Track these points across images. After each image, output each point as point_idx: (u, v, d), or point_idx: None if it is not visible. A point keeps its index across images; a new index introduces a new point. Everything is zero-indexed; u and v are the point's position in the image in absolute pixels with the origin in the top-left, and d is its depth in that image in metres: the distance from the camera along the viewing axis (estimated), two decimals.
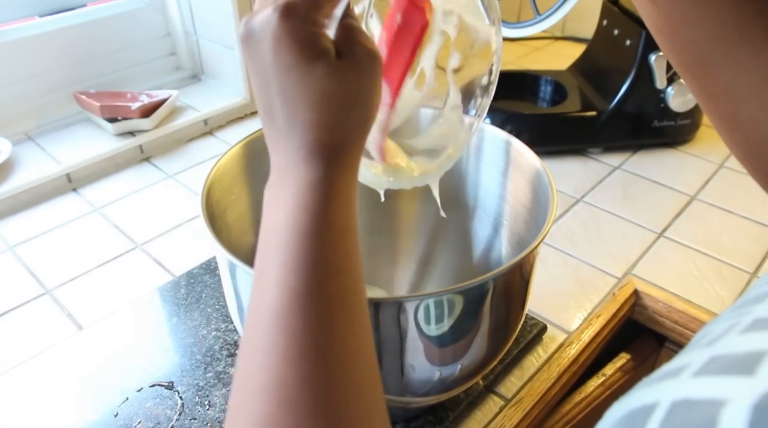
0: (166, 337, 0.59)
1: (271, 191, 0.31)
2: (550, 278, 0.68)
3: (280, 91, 0.29)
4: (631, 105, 0.88)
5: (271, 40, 0.29)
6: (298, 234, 0.28)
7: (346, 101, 0.30)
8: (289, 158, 0.30)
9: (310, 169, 0.29)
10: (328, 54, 0.29)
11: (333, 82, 0.29)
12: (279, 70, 0.29)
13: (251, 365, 0.27)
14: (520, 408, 0.53)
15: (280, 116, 0.30)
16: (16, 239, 0.72)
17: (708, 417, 0.17)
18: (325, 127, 0.29)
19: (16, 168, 0.81)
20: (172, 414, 0.51)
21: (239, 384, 0.27)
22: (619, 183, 0.85)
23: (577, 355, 0.59)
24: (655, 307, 0.66)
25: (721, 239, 0.73)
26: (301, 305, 0.27)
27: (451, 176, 0.58)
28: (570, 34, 1.33)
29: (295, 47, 0.28)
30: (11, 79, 0.87)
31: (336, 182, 0.29)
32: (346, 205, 0.30)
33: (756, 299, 0.23)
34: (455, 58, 0.39)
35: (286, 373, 0.25)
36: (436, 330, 0.40)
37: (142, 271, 0.68)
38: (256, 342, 0.27)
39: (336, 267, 0.28)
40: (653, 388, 0.21)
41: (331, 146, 0.30)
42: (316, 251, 0.28)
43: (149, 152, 0.89)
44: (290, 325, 0.26)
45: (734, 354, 0.19)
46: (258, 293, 0.29)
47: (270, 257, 0.29)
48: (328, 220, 0.29)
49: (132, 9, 0.96)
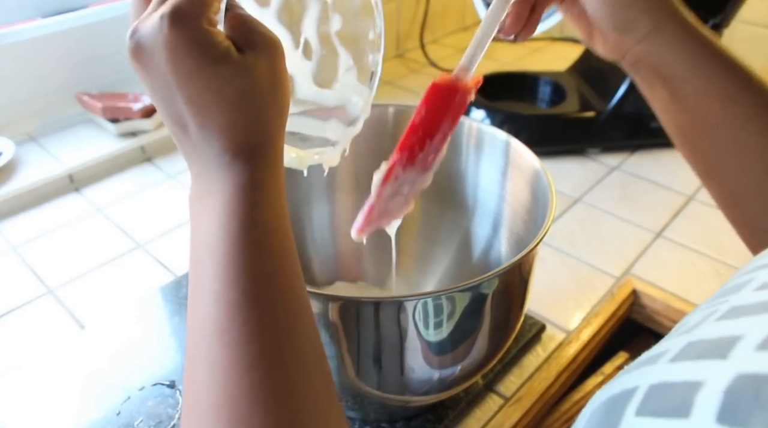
0: (167, 336, 0.59)
1: (195, 203, 0.29)
2: (549, 277, 0.68)
3: (188, 101, 0.27)
4: (630, 106, 0.88)
5: (166, 49, 0.27)
6: (230, 242, 0.27)
7: (259, 96, 0.28)
8: (211, 166, 0.28)
9: (234, 174, 0.28)
10: (229, 51, 0.27)
11: (243, 79, 0.27)
12: (181, 79, 0.27)
13: (197, 384, 0.26)
14: (519, 407, 0.54)
15: (192, 125, 0.28)
16: (19, 239, 0.73)
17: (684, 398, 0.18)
18: (245, 127, 0.28)
19: (19, 169, 0.81)
20: (174, 413, 0.52)
21: (188, 404, 0.26)
22: (618, 183, 0.85)
23: (576, 354, 0.59)
24: (654, 306, 0.66)
25: (719, 238, 0.74)
26: (240, 316, 0.26)
27: (451, 176, 0.58)
28: (569, 36, 1.33)
29: (194, 52, 0.27)
30: (14, 80, 0.87)
31: (262, 182, 0.28)
32: (276, 204, 0.29)
33: (733, 289, 0.24)
34: (337, 21, 0.38)
35: (233, 387, 0.25)
36: (435, 330, 0.40)
37: (144, 271, 0.69)
38: (200, 359, 0.26)
39: (272, 272, 0.27)
40: (632, 374, 0.22)
41: (254, 144, 0.28)
42: (250, 258, 0.27)
43: (151, 153, 0.89)
44: (232, 338, 0.25)
45: (709, 340, 0.20)
46: (195, 309, 0.27)
47: (203, 270, 0.27)
48: (258, 223, 0.27)
49: None
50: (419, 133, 0.38)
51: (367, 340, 0.40)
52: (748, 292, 0.22)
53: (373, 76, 0.43)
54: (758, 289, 0.22)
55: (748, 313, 0.21)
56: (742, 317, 0.20)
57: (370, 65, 0.42)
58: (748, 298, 0.22)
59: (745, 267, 0.26)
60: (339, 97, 0.43)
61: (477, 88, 0.39)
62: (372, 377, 0.42)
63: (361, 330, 0.39)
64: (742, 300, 0.22)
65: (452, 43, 1.31)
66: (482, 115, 0.91)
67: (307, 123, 0.44)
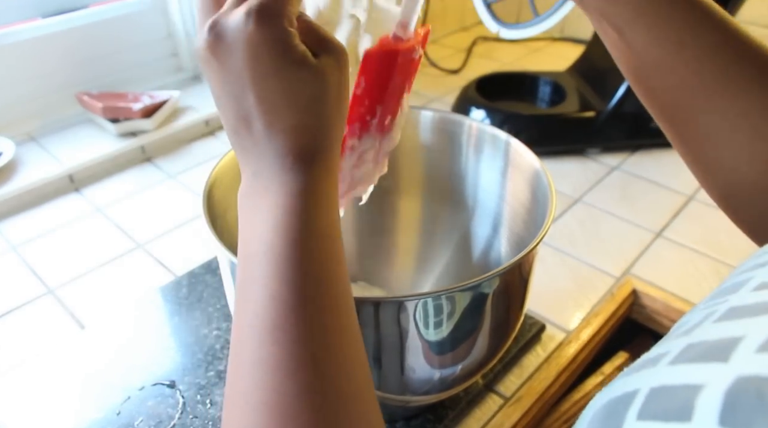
0: (167, 336, 0.59)
1: (250, 201, 0.29)
2: (549, 277, 0.68)
3: (260, 99, 0.28)
4: (630, 106, 0.88)
5: (248, 45, 0.27)
6: (287, 244, 0.27)
7: (329, 102, 0.29)
8: (271, 166, 0.29)
9: (295, 175, 0.28)
10: (306, 55, 0.28)
11: (318, 84, 0.28)
12: (257, 76, 0.27)
13: (244, 380, 0.26)
14: (519, 407, 0.54)
15: (259, 124, 0.28)
16: (19, 239, 0.73)
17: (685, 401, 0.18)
18: (311, 130, 0.28)
19: (19, 169, 0.81)
20: (174, 413, 0.52)
21: (232, 399, 0.26)
22: (618, 183, 0.85)
23: (575, 354, 0.59)
24: (654, 306, 0.66)
25: (719, 238, 0.74)
26: (294, 317, 0.26)
27: (451, 176, 0.58)
28: (569, 36, 1.33)
29: (275, 52, 0.27)
30: (14, 80, 0.87)
31: (322, 189, 0.29)
32: (331, 210, 0.29)
33: (731, 288, 0.24)
34: (367, 41, 0.38)
35: (282, 386, 0.25)
36: (435, 330, 0.40)
37: (144, 271, 0.69)
38: (248, 356, 0.26)
39: (328, 276, 0.28)
40: (633, 377, 0.22)
41: (315, 150, 0.29)
42: (308, 260, 0.27)
43: (151, 153, 0.89)
44: (285, 337, 0.26)
45: (709, 342, 0.20)
46: (245, 305, 0.27)
47: (257, 267, 0.27)
48: (317, 227, 0.28)
49: (134, 11, 0.96)
50: (365, 102, 0.37)
51: (367, 340, 0.40)
52: (746, 292, 0.22)
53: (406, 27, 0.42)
54: (757, 289, 0.22)
55: (748, 314, 0.20)
56: (742, 319, 0.20)
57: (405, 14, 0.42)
58: (747, 298, 0.22)
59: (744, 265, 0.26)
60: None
61: (425, 40, 0.37)
62: (372, 377, 0.42)
63: (361, 330, 0.39)
64: (741, 301, 0.22)
65: (452, 43, 1.31)
66: (482, 115, 0.91)
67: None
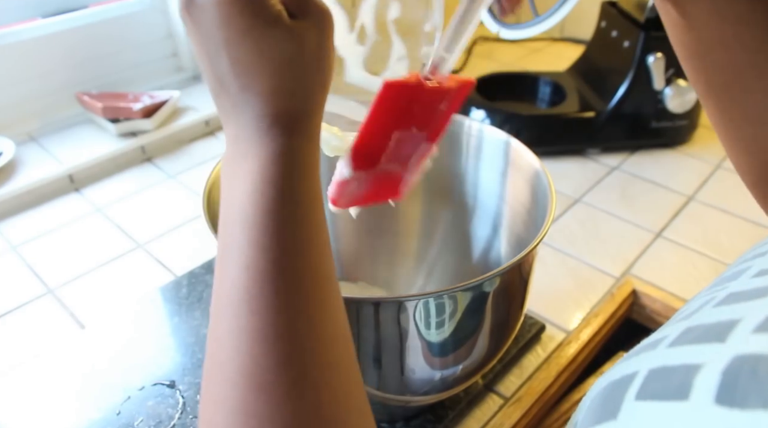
0: (167, 336, 0.59)
1: (229, 166, 0.29)
2: (549, 277, 0.68)
3: (233, 60, 0.27)
4: (630, 106, 0.88)
5: (218, 4, 0.26)
6: (264, 210, 0.26)
7: (305, 64, 0.28)
8: (249, 130, 0.28)
9: (272, 140, 0.27)
10: (281, 16, 0.27)
11: (292, 45, 0.27)
12: (230, 37, 0.27)
13: (222, 350, 0.25)
14: (519, 407, 0.54)
15: (234, 86, 0.28)
16: (19, 239, 0.73)
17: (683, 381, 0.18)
18: (287, 93, 0.28)
19: (19, 169, 0.81)
20: (174, 413, 0.52)
21: (210, 370, 0.26)
22: (618, 183, 0.85)
23: (575, 354, 0.59)
24: (653, 306, 0.66)
25: (719, 238, 0.74)
26: (270, 285, 0.25)
27: (451, 176, 0.58)
28: (569, 36, 1.33)
29: (245, 11, 0.26)
30: (14, 80, 0.87)
31: (300, 152, 0.28)
32: (310, 176, 0.28)
33: (731, 276, 0.24)
34: (395, 8, 0.38)
35: (260, 356, 0.24)
36: (436, 330, 0.40)
37: (144, 271, 0.69)
38: (226, 325, 0.26)
39: (305, 243, 0.27)
40: (632, 360, 0.22)
41: (293, 113, 0.28)
42: (284, 227, 0.26)
43: (151, 153, 0.89)
44: (261, 306, 0.25)
45: (708, 324, 0.20)
46: (223, 274, 0.27)
47: (234, 235, 0.27)
48: (294, 193, 0.27)
49: (134, 11, 0.96)
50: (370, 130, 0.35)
51: (367, 340, 0.40)
52: (746, 279, 0.23)
53: (423, 68, 0.42)
54: (756, 276, 0.22)
55: (746, 299, 0.21)
56: (740, 303, 0.21)
57: (422, 58, 0.42)
58: (746, 284, 0.22)
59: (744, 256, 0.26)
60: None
61: (461, 93, 0.36)
62: (372, 377, 0.42)
63: (361, 330, 0.39)
64: (740, 287, 0.22)
65: None
66: (482, 115, 0.91)
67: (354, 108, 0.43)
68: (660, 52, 0.85)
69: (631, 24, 0.87)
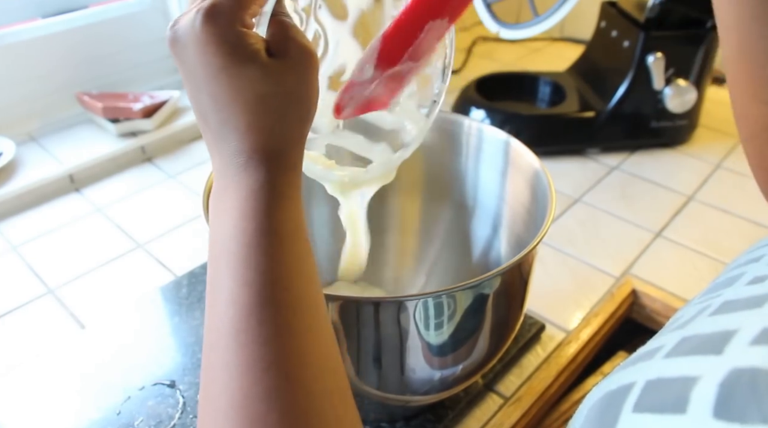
0: (167, 336, 0.59)
1: (214, 201, 0.30)
2: (548, 277, 0.68)
3: (211, 97, 0.28)
4: (629, 106, 0.88)
5: (197, 44, 0.27)
6: (244, 245, 0.27)
7: (281, 102, 0.28)
8: (228, 165, 0.29)
9: (250, 175, 0.28)
10: (257, 55, 0.28)
11: (266, 83, 0.28)
12: (208, 74, 0.28)
13: (213, 385, 0.26)
14: (519, 407, 0.54)
15: (214, 122, 0.29)
16: (19, 239, 0.73)
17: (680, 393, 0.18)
18: (262, 130, 0.28)
19: (19, 169, 0.81)
20: (174, 413, 0.52)
21: (204, 403, 0.26)
22: (617, 183, 0.85)
23: (575, 354, 0.59)
24: (653, 306, 0.66)
25: (718, 238, 0.74)
26: (255, 319, 0.26)
27: (451, 176, 0.58)
28: (568, 36, 1.33)
29: (221, 50, 0.27)
30: (14, 81, 0.87)
31: (278, 186, 0.28)
32: (291, 208, 0.29)
33: (725, 282, 0.24)
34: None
35: (249, 389, 0.25)
36: (436, 330, 0.40)
37: (144, 271, 0.69)
38: (215, 359, 0.26)
39: (288, 275, 0.27)
40: (629, 370, 0.22)
41: (270, 149, 0.28)
42: (265, 261, 0.27)
43: (151, 153, 0.89)
44: (248, 340, 0.25)
45: (704, 335, 0.20)
46: (211, 309, 0.28)
47: (219, 271, 0.27)
48: (273, 227, 0.27)
49: (134, 11, 0.96)
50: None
51: (367, 340, 0.40)
52: (740, 286, 0.23)
53: (434, 105, 0.42)
54: (750, 283, 0.22)
55: (741, 308, 0.21)
56: (736, 312, 0.21)
57: (433, 95, 0.42)
58: (741, 292, 0.22)
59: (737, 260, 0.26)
60: (396, 121, 0.43)
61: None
62: (372, 377, 0.42)
63: (361, 330, 0.39)
64: (735, 295, 0.22)
65: None
66: (482, 115, 0.91)
67: (357, 142, 0.44)
68: (660, 52, 0.85)
69: (631, 24, 0.87)
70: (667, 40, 0.85)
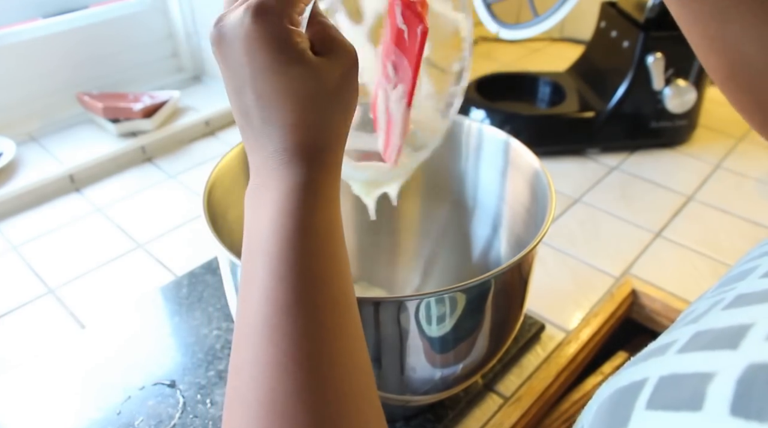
0: (167, 336, 0.59)
1: (252, 196, 0.30)
2: (548, 277, 0.68)
3: (256, 94, 0.28)
4: (629, 106, 0.88)
5: (244, 41, 0.27)
6: (282, 242, 0.27)
7: (326, 100, 0.29)
8: (270, 162, 0.29)
9: (291, 172, 0.28)
10: (305, 53, 0.28)
11: (312, 81, 0.28)
12: (254, 72, 0.28)
13: (242, 379, 0.26)
14: (519, 407, 0.54)
15: (257, 119, 0.29)
16: (20, 239, 0.73)
17: (695, 390, 0.17)
18: (306, 128, 0.28)
19: (20, 169, 0.81)
20: (174, 412, 0.52)
21: (231, 398, 0.26)
22: (617, 183, 0.85)
23: (575, 354, 0.59)
24: (653, 306, 0.66)
25: (718, 238, 0.74)
26: (290, 316, 0.26)
27: (451, 176, 0.58)
28: (568, 36, 1.33)
29: (270, 48, 0.27)
30: (15, 81, 0.87)
31: (319, 185, 0.28)
32: (330, 208, 0.29)
33: (738, 276, 0.24)
34: (426, 48, 0.38)
35: (278, 385, 0.25)
36: (436, 329, 0.40)
37: (144, 271, 0.69)
38: (246, 355, 0.26)
39: (323, 274, 0.27)
40: (640, 366, 0.21)
41: (313, 147, 0.29)
42: (302, 259, 0.27)
43: (151, 153, 0.90)
44: (279, 336, 0.25)
45: (718, 329, 0.20)
46: (245, 304, 0.28)
47: (255, 266, 0.27)
48: (312, 225, 0.28)
49: (134, 11, 0.96)
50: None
51: (367, 340, 0.39)
52: (754, 279, 0.22)
53: (450, 107, 0.43)
54: (764, 276, 0.22)
55: (756, 301, 0.20)
56: (750, 306, 0.20)
57: (450, 96, 0.43)
58: (755, 285, 0.22)
59: (750, 254, 0.26)
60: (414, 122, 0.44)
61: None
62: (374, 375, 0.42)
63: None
64: (749, 288, 0.22)
65: None
66: (482, 115, 0.91)
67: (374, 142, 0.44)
68: (660, 52, 0.85)
69: (630, 24, 0.87)
70: (667, 41, 0.85)
